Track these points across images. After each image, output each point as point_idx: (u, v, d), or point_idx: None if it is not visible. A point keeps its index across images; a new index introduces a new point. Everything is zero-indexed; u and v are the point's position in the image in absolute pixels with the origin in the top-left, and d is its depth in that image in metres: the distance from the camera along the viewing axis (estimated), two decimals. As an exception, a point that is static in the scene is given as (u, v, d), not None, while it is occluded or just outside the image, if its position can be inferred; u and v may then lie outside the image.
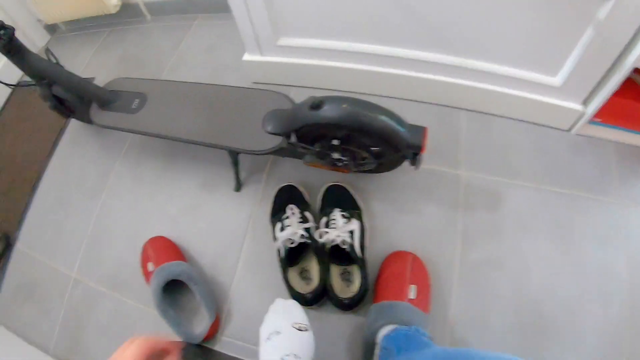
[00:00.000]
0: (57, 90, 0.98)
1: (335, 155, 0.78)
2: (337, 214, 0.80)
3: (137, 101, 0.96)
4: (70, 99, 1.00)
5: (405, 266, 0.75)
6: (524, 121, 0.94)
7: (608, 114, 0.84)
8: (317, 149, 0.77)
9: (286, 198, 0.87)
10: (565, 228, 0.81)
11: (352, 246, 0.77)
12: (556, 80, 0.82)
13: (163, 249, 0.86)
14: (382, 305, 0.72)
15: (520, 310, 0.75)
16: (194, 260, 0.91)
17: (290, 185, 0.89)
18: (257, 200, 0.94)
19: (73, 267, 0.98)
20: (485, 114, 0.96)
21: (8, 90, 1.37)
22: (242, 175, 0.97)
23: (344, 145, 0.76)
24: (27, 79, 0.95)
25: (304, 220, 0.82)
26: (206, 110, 0.89)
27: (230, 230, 0.92)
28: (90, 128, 1.16)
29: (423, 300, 0.73)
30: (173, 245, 0.90)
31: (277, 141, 0.80)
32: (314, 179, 0.94)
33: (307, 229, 0.80)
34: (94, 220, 1.02)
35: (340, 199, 0.85)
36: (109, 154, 1.09)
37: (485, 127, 0.95)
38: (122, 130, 0.94)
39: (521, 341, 0.72)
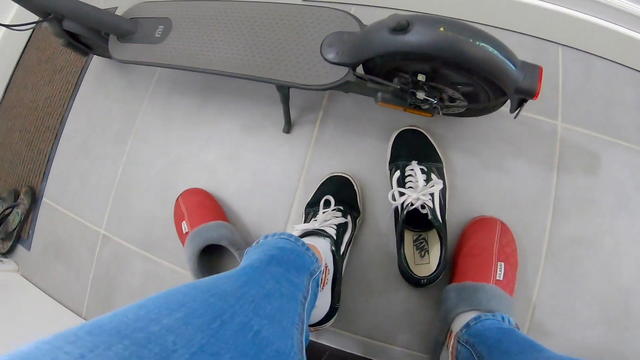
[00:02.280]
0: (68, 24, 0.84)
1: (420, 95, 0.59)
2: (416, 169, 0.63)
3: (161, 28, 0.79)
4: (84, 34, 0.86)
5: (492, 238, 0.63)
6: (633, 68, 0.78)
7: None
8: (397, 86, 0.59)
9: (331, 193, 0.70)
10: None
11: (433, 210, 0.60)
12: None
13: (199, 205, 0.73)
14: (464, 286, 0.59)
15: (608, 301, 0.67)
16: (235, 219, 0.78)
17: (346, 178, 0.73)
18: (310, 144, 0.79)
19: (101, 223, 0.88)
20: (588, 53, 0.80)
21: (28, 32, 1.24)
22: (293, 114, 0.80)
23: (431, 82, 0.59)
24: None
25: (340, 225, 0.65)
26: (247, 35, 0.71)
27: (279, 182, 0.78)
28: (113, 65, 1.01)
29: (510, 281, 0.61)
30: (211, 199, 0.76)
31: (341, 73, 0.62)
32: (383, 119, 0.78)
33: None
34: (121, 169, 0.89)
35: (418, 149, 0.68)
36: (135, 92, 0.95)
37: (587, 70, 0.79)
38: (145, 64, 0.79)
39: (605, 336, 0.66)
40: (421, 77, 0.59)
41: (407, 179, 0.64)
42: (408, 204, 0.60)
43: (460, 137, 0.75)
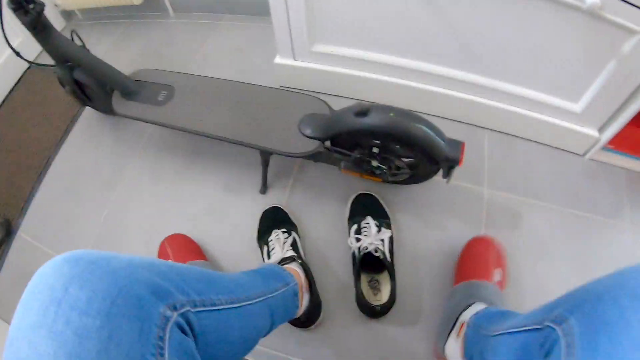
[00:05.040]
0: (79, 74, 0.96)
1: (374, 164, 0.78)
2: (370, 222, 0.80)
3: (164, 93, 0.94)
4: (92, 85, 0.98)
5: (489, 249, 0.76)
6: (543, 144, 0.98)
7: (620, 142, 0.88)
8: (357, 156, 0.78)
9: (271, 221, 0.87)
10: (582, 251, 0.83)
11: (384, 253, 0.77)
12: (577, 106, 0.86)
13: (183, 246, 0.84)
14: (470, 284, 0.71)
15: None
16: (214, 263, 0.89)
17: (275, 207, 0.89)
18: (283, 204, 0.93)
19: (81, 260, 0.93)
20: (509, 134, 1.00)
21: (21, 69, 1.32)
22: (269, 178, 0.95)
23: (383, 154, 0.77)
24: (44, 60, 0.91)
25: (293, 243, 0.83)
26: (240, 109, 0.88)
27: (255, 234, 0.90)
28: (105, 119, 1.12)
29: (503, 282, 0.74)
30: (193, 243, 0.87)
31: (313, 145, 0.80)
32: (341, 186, 0.94)
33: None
34: (106, 213, 0.98)
35: (371, 208, 0.86)
36: (126, 147, 1.06)
37: (508, 147, 0.98)
38: (147, 121, 0.92)
39: None
40: (375, 150, 0.75)
41: (362, 230, 0.80)
42: (364, 247, 0.76)
43: (405, 201, 0.91)
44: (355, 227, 0.82)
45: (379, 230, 0.79)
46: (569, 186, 0.92)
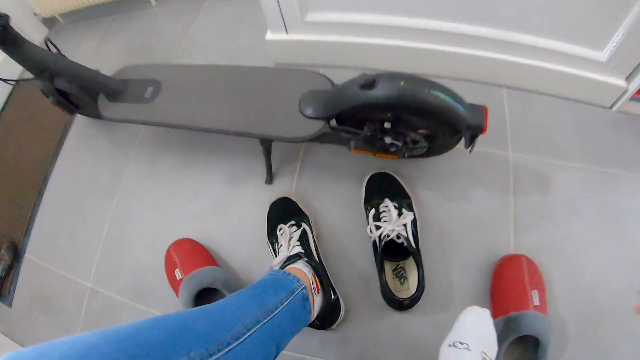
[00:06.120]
0: (60, 83, 0.89)
1: (387, 140, 0.68)
2: (389, 205, 0.71)
3: (150, 89, 0.86)
4: (75, 92, 0.91)
5: (522, 271, 0.69)
6: (567, 99, 0.89)
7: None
8: (368, 134, 0.68)
9: (278, 215, 0.80)
10: (613, 210, 0.77)
11: (407, 239, 0.68)
12: (602, 55, 0.76)
13: (190, 253, 0.78)
14: (509, 318, 0.65)
15: (577, 301, 0.71)
16: (226, 264, 0.83)
17: (282, 198, 0.81)
18: (291, 192, 0.85)
19: (89, 276, 0.89)
20: (529, 91, 0.90)
21: (8, 88, 1.27)
22: (273, 166, 0.87)
23: (396, 128, 0.68)
24: (29, 74, 0.85)
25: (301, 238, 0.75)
26: (232, 95, 0.79)
27: (264, 227, 0.82)
28: (97, 123, 1.06)
29: (543, 304, 0.68)
30: (201, 247, 0.81)
31: (317, 126, 0.71)
32: (353, 166, 0.85)
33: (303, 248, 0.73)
34: (108, 223, 0.93)
35: (388, 188, 0.77)
36: (121, 150, 1.00)
37: (528, 105, 0.89)
38: (136, 122, 0.85)
39: (581, 335, 0.69)
40: (387, 125, 0.67)
41: (381, 215, 0.72)
42: (385, 235, 0.68)
43: (425, 175, 0.83)
44: (373, 212, 0.73)
45: (400, 214, 0.70)
46: (596, 142, 0.84)
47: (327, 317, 0.69)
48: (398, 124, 0.68)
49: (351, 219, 0.81)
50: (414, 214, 0.74)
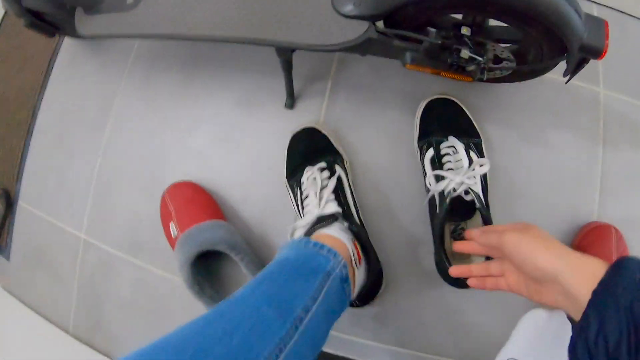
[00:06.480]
0: (28, 1, 0.72)
1: (465, 53, 0.47)
2: (458, 146, 0.51)
3: (134, -9, 0.66)
4: (47, 10, 0.75)
5: (611, 249, 0.57)
6: None
7: None
8: (439, 41, 0.48)
9: (302, 152, 0.61)
10: None
11: (478, 196, 0.48)
12: None
13: (189, 201, 0.62)
14: None
15: None
16: (234, 214, 0.67)
17: (307, 128, 0.63)
18: (320, 121, 0.68)
19: (81, 226, 0.77)
20: (623, 13, 0.73)
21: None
22: (296, 85, 0.68)
23: (477, 36, 0.48)
24: None
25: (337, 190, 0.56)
26: (236, -12, 0.58)
27: (284, 166, 0.66)
28: (86, 43, 0.89)
29: None
30: (203, 193, 0.65)
31: (359, 29, 0.50)
32: (405, 88, 0.67)
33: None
34: (99, 161, 0.78)
35: (453, 122, 0.59)
36: (112, 72, 0.83)
37: (623, 31, 0.73)
38: (118, 36, 0.67)
39: None
40: (465, 30, 0.48)
41: (444, 159, 0.52)
42: (450, 190, 0.48)
43: (495, 106, 0.67)
44: (431, 153, 0.54)
45: (471, 161, 0.49)
46: None
47: (368, 292, 0.52)
48: (478, 32, 0.48)
49: (399, 161, 0.65)
50: (488, 162, 0.53)
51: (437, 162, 0.53)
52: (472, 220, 0.55)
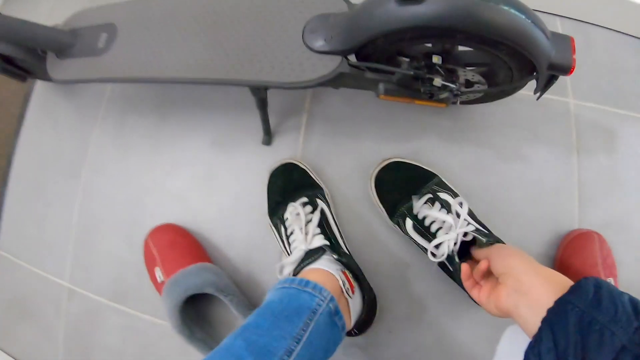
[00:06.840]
0: None
1: (437, 81, 0.48)
2: (431, 206, 0.54)
3: (104, 36, 0.66)
4: (19, 55, 0.73)
5: (595, 255, 0.59)
6: (632, 36, 0.75)
7: None
8: (411, 72, 0.48)
9: (282, 188, 0.61)
10: None
11: (478, 230, 0.52)
12: None
13: (172, 245, 0.61)
14: None
15: None
16: (219, 254, 0.66)
17: (286, 164, 0.63)
18: (297, 155, 0.67)
19: (64, 274, 0.75)
20: (586, 22, 0.76)
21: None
22: (272, 121, 0.68)
23: (447, 64, 0.50)
24: None
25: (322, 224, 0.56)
26: (208, 30, 0.58)
27: (265, 204, 0.65)
28: (59, 87, 0.88)
29: None
30: (186, 236, 0.64)
31: (331, 64, 0.50)
32: (380, 116, 0.67)
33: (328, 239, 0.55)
34: (77, 207, 0.76)
35: (405, 182, 0.60)
36: (85, 116, 0.81)
37: (587, 41, 0.75)
38: (91, 81, 0.66)
39: None
40: (437, 59, 0.48)
41: (426, 222, 0.54)
42: (452, 248, 0.50)
43: (469, 127, 0.68)
44: (410, 224, 0.56)
45: (447, 209, 0.53)
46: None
47: (366, 319, 0.53)
48: (448, 59, 0.49)
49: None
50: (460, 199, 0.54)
51: (422, 228, 0.53)
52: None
